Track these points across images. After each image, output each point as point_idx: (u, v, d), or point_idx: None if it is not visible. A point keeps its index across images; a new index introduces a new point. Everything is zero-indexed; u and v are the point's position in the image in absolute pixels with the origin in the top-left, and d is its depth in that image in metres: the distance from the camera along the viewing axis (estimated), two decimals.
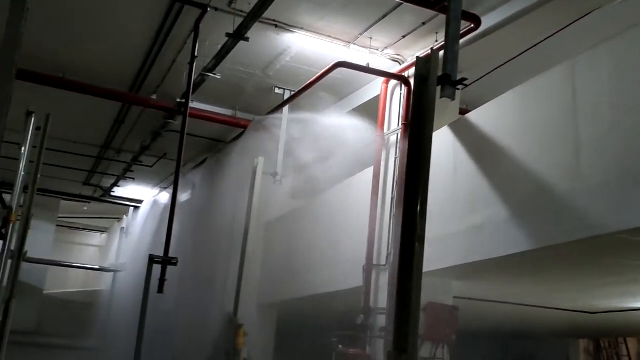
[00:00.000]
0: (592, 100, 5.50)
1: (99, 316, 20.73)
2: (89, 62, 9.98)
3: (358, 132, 8.70)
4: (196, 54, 8.07)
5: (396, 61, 8.66)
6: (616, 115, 5.21)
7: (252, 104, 10.85)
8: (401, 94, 8.43)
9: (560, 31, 7.37)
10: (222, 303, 10.63)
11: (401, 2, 7.16)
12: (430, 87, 3.65)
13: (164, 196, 17.77)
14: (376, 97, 8.94)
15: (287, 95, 10.00)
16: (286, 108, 10.08)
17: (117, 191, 19.01)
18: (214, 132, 12.35)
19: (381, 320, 7.72)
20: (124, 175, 16.27)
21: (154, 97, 10.73)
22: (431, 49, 5.62)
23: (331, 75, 8.51)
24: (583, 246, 5.61)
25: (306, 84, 9.00)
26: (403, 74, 8.42)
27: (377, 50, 8.53)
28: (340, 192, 9.50)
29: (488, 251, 6.36)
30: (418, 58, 3.81)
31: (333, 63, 8.28)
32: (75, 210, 24.70)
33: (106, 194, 19.49)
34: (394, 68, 8.64)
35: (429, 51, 4.19)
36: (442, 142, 7.04)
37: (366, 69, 8.57)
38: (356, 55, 8.50)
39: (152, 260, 7.09)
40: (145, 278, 6.97)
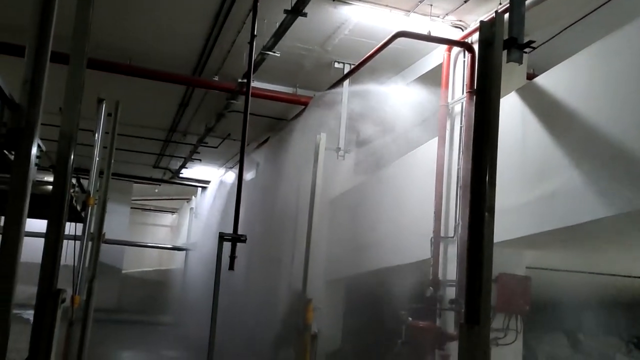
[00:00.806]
0: None
1: (174, 293, 21.59)
2: (153, 48, 10.25)
3: (421, 103, 8.56)
4: (255, 33, 8.10)
5: (458, 27, 8.42)
6: None
7: (312, 80, 10.85)
8: (465, 61, 8.21)
9: None
10: (290, 278, 10.81)
11: None
12: (496, 52, 3.56)
13: (230, 176, 18.16)
14: (438, 66, 8.75)
15: (347, 69, 9.93)
16: (346, 82, 10.02)
17: (185, 172, 19.60)
18: (276, 111, 12.47)
19: (450, 292, 7.67)
20: (191, 157, 16.75)
21: (216, 79, 10.93)
22: (495, 12, 5.42)
23: (391, 46, 8.35)
24: None
25: (366, 57, 8.89)
26: (466, 40, 8.20)
27: (438, 17, 8.31)
28: (404, 165, 9.40)
29: (561, 219, 6.16)
30: (482, 22, 3.70)
31: (393, 33, 8.13)
32: (147, 192, 25.72)
33: (175, 176, 20.15)
34: (457, 35, 8.40)
35: (493, 14, 4.06)
36: (510, 109, 6.82)
37: (427, 38, 8.38)
38: (416, 23, 8.31)
39: (222, 238, 7.22)
40: (216, 255, 7.13)
